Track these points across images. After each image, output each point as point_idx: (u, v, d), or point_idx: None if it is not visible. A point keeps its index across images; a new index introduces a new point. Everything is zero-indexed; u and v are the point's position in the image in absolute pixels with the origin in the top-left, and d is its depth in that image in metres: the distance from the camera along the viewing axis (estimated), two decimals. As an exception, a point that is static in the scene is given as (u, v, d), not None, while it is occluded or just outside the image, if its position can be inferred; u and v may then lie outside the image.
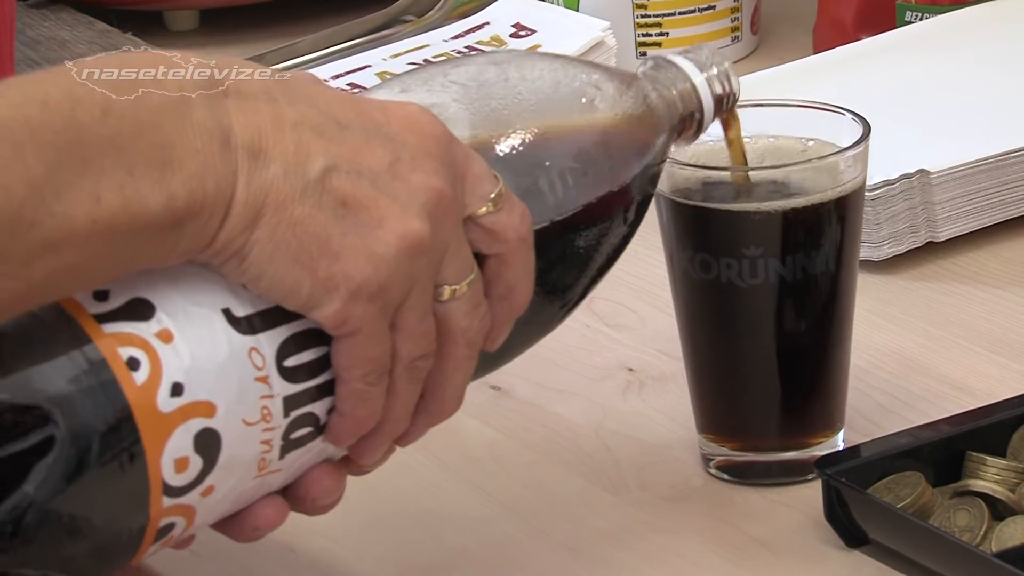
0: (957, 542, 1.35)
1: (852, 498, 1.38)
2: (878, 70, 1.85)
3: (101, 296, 1.34)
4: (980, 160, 1.76)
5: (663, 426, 1.53)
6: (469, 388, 1.50)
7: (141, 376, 1.33)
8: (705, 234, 1.46)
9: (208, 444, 1.37)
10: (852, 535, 1.39)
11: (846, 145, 1.46)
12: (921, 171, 1.72)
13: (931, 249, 1.77)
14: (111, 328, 1.31)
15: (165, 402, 1.31)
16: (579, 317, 1.62)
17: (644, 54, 2.08)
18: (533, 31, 2.00)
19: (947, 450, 1.44)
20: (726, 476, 1.47)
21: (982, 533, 1.36)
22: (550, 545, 1.43)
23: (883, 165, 1.62)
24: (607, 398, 1.57)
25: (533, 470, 1.51)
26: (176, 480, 1.33)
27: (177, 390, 1.32)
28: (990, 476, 1.41)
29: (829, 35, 2.04)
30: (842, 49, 1.99)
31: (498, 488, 1.50)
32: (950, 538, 1.35)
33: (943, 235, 1.76)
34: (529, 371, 1.62)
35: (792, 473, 1.46)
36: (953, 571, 1.36)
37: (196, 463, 1.37)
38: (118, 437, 1.31)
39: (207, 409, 1.33)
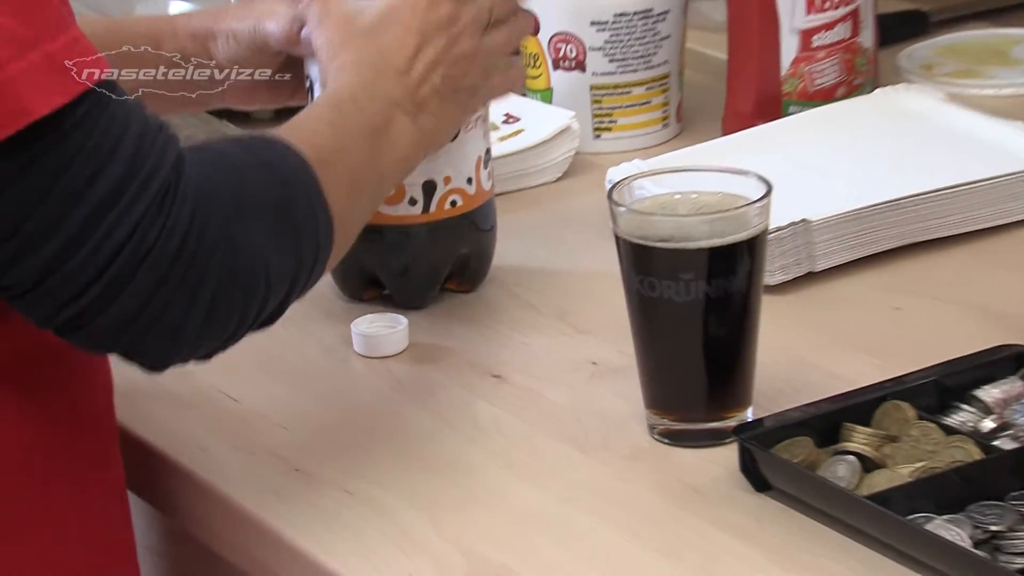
0: (837, 487, 1.42)
1: (759, 456, 1.47)
2: (771, 146, 1.86)
3: None
4: (846, 212, 1.81)
5: (619, 404, 1.59)
6: (478, 377, 1.69)
7: None
8: (651, 265, 1.53)
9: None
10: (760, 483, 1.47)
11: (754, 199, 1.54)
12: (804, 220, 1.78)
13: (811, 276, 1.80)
14: None
15: None
16: (557, 325, 1.75)
17: (599, 136, 2.10)
18: (518, 119, 2.04)
19: (827, 421, 1.51)
20: (666, 441, 1.55)
21: (856, 482, 1.43)
22: (538, 489, 1.49)
23: (777, 215, 1.60)
24: (579, 384, 1.63)
25: (526, 436, 1.57)
26: None
27: None
28: (860, 440, 1.48)
29: (733, 122, 2.04)
30: (744, 132, 2.00)
31: (500, 449, 1.56)
32: (832, 484, 1.43)
33: (820, 267, 1.81)
34: (521, 365, 1.69)
35: (715, 437, 1.54)
36: (834, 509, 1.43)
37: None
38: None
39: None
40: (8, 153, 1.25)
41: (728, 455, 1.51)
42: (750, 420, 1.55)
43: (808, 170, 1.78)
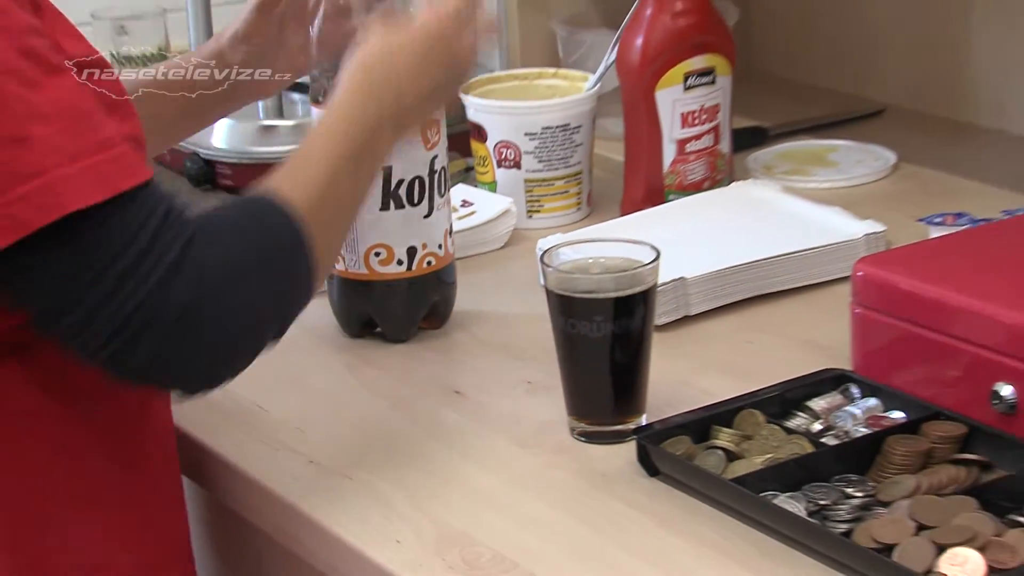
0: (708, 472, 1.44)
1: (651, 450, 1.48)
2: (656, 224, 1.85)
3: None
4: (711, 271, 1.80)
5: (548, 412, 1.59)
6: (444, 392, 1.68)
7: None
8: (572, 310, 1.53)
9: None
10: (652, 470, 1.48)
11: (646, 262, 1.54)
12: (682, 277, 1.76)
13: (687, 319, 1.78)
14: None
15: None
16: (501, 354, 1.76)
17: (531, 216, 2.06)
18: (472, 203, 2.02)
19: (701, 424, 1.52)
20: (583, 439, 1.56)
21: (722, 468, 1.45)
22: (488, 474, 1.50)
23: (662, 273, 1.58)
24: (518, 398, 1.64)
25: (480, 436, 1.57)
26: None
27: None
28: (724, 438, 1.50)
29: (629, 206, 2.04)
30: (637, 214, 2.00)
31: (460, 445, 1.55)
32: (704, 470, 1.45)
33: (693, 311, 1.79)
34: (476, 383, 1.68)
35: (619, 437, 1.54)
36: (706, 489, 1.44)
37: None
38: None
39: None
40: (42, 238, 1.22)
41: (628, 450, 1.51)
42: (644, 424, 1.55)
43: (684, 241, 1.77)
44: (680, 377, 1.65)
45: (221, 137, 2.15)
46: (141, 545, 1.47)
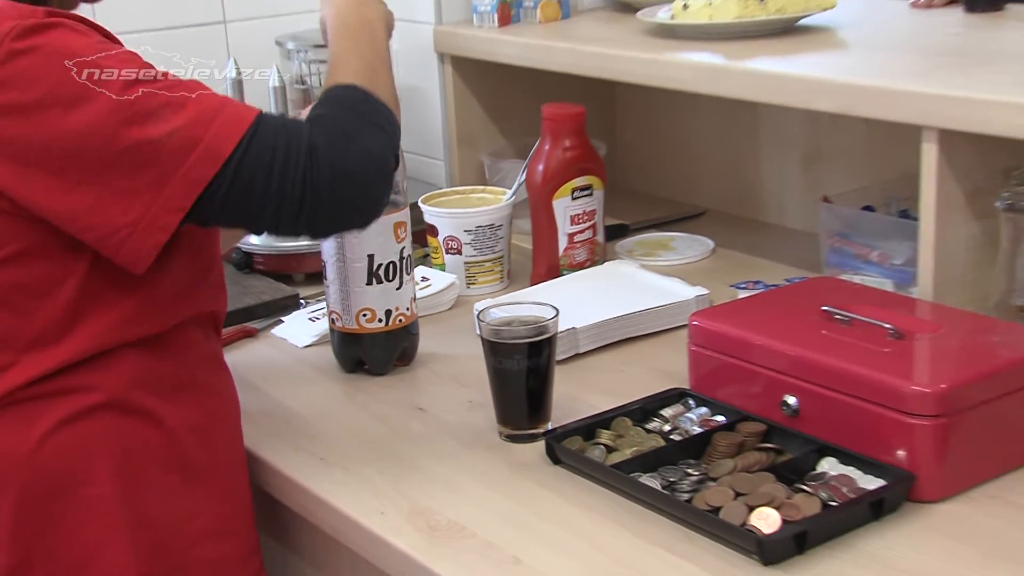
0: (593, 461, 1.43)
1: (555, 446, 1.47)
2: (555, 291, 1.81)
3: None
4: (593, 323, 1.76)
5: (484, 422, 1.56)
6: (411, 409, 1.65)
7: None
8: (499, 351, 1.51)
9: None
10: (555, 460, 1.46)
11: (549, 318, 1.52)
12: (573, 327, 1.72)
13: (578, 356, 1.73)
14: None
15: None
16: (451, 383, 1.71)
17: (469, 287, 2.00)
18: (429, 279, 1.95)
19: (588, 428, 1.50)
20: (508, 440, 1.53)
21: (603, 458, 1.43)
22: (445, 466, 1.47)
23: (561, 324, 1.54)
24: (463, 412, 1.61)
25: (438, 439, 1.54)
26: None
27: None
28: (605, 437, 1.48)
29: (537, 280, 2.00)
30: (542, 284, 1.96)
31: (425, 445, 1.53)
32: (591, 459, 1.43)
33: (582, 350, 1.73)
34: (433, 403, 1.65)
35: (532, 439, 1.51)
36: (593, 472, 1.42)
37: None
38: None
39: None
40: (224, 175, 1.24)
41: (539, 447, 1.50)
42: (550, 429, 1.53)
43: (574, 302, 1.74)
44: (573, 396, 1.62)
45: (254, 236, 2.10)
46: (220, 512, 1.44)
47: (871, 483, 1.34)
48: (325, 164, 1.29)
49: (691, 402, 1.57)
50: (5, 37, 1.20)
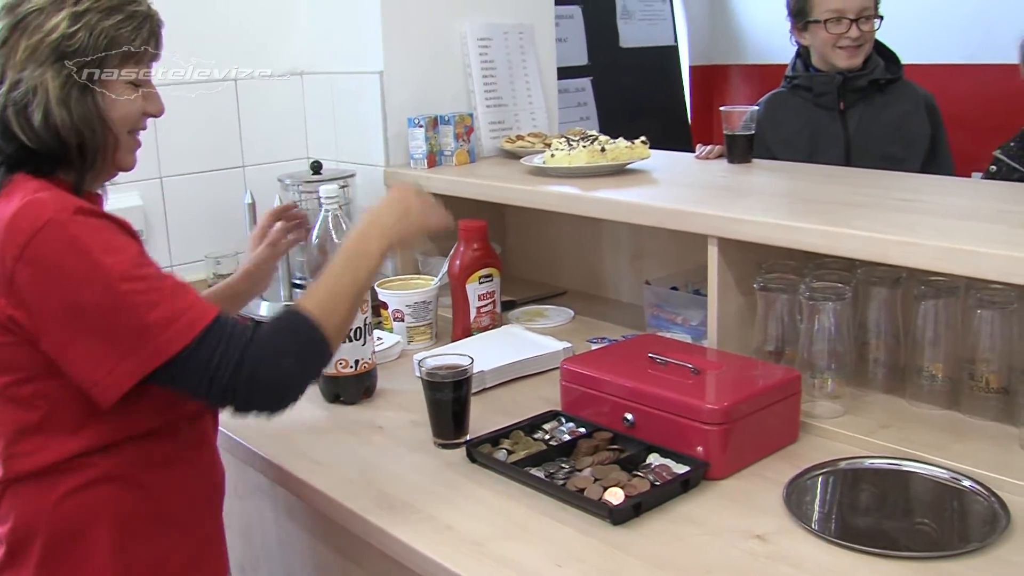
0: (500, 460, 1.43)
1: (472, 451, 1.46)
2: (469, 346, 1.82)
3: None
4: (495, 368, 1.74)
5: (424, 436, 1.53)
6: (372, 428, 1.58)
7: None
8: (433, 387, 1.50)
9: None
10: (473, 460, 1.46)
11: (466, 364, 1.52)
12: (482, 370, 1.69)
13: (485, 390, 1.71)
14: None
15: None
16: (400, 410, 1.66)
17: (409, 343, 1.96)
18: (382, 339, 1.90)
19: (494, 438, 1.50)
20: (441, 448, 1.51)
21: (507, 458, 1.44)
22: (400, 466, 1.46)
23: (474, 368, 1.53)
24: (410, 430, 1.57)
25: (394, 448, 1.52)
26: None
27: None
28: (507, 444, 1.49)
29: (455, 338, 1.95)
30: (459, 341, 1.91)
31: (386, 454, 1.50)
32: (497, 459, 1.43)
33: (487, 385, 1.72)
34: (389, 424, 1.61)
35: (458, 446, 1.50)
36: (500, 468, 1.42)
37: None
38: None
39: None
40: (168, 364, 1.13)
41: (462, 451, 1.49)
42: (469, 439, 1.51)
43: (482, 352, 1.72)
44: (483, 417, 1.60)
45: (264, 308, 2.09)
46: (194, 550, 1.32)
47: (681, 469, 1.37)
48: (247, 376, 1.15)
49: (563, 419, 1.56)
50: (43, 227, 1.11)
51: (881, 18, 2.38)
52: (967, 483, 1.32)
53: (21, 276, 1.12)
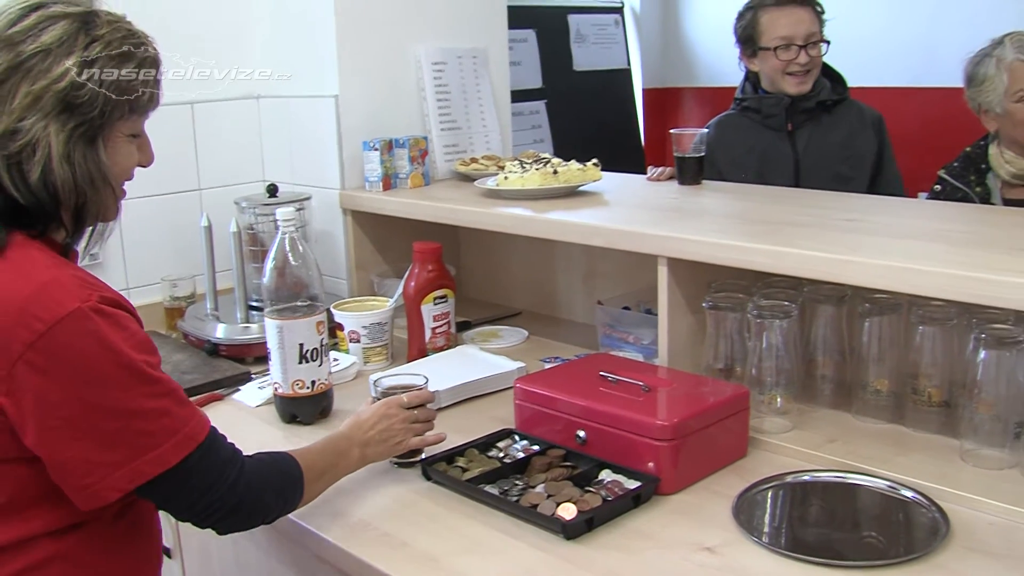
0: (453, 477, 1.43)
1: (427, 469, 1.46)
2: (425, 365, 1.81)
3: None
4: (449, 387, 1.72)
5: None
6: None
7: None
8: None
9: None
10: (428, 478, 1.46)
11: (422, 383, 1.53)
12: (437, 390, 1.64)
13: (442, 408, 1.69)
14: None
15: None
16: None
17: (366, 364, 1.96)
18: (337, 360, 1.91)
19: (449, 456, 1.50)
20: (397, 466, 1.49)
21: (461, 475, 1.43)
22: (347, 481, 1.42)
23: (429, 387, 1.52)
24: None
25: (359, 477, 1.42)
26: None
27: None
28: (462, 462, 1.48)
29: (411, 358, 1.94)
30: (415, 362, 1.89)
31: (351, 490, 1.40)
32: (451, 476, 1.44)
33: (442, 404, 1.69)
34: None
35: (413, 465, 1.49)
36: (453, 485, 1.42)
37: None
38: None
39: None
40: (163, 477, 1.09)
41: (417, 469, 1.49)
42: (424, 458, 1.51)
43: (437, 372, 1.70)
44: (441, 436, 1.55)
45: (221, 331, 2.07)
46: None
47: (633, 484, 1.39)
48: (233, 502, 1.15)
49: (516, 437, 1.57)
50: (67, 317, 1.03)
51: (827, 43, 2.43)
52: (910, 494, 1.35)
53: (28, 367, 1.03)
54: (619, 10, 4.40)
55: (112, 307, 1.08)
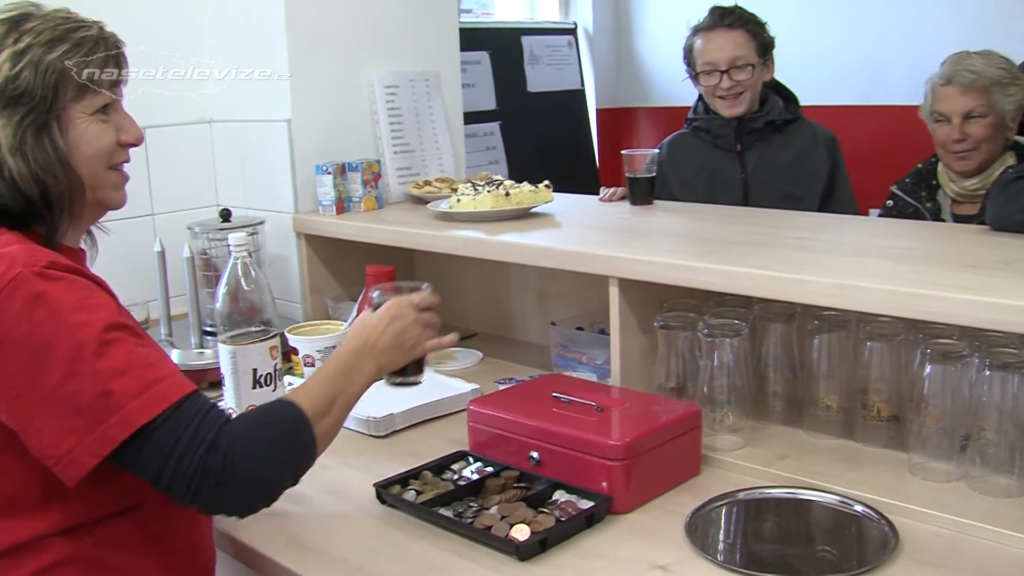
0: (407, 500, 1.43)
1: (381, 492, 1.46)
2: (381, 388, 1.69)
3: None
4: (408, 408, 1.73)
5: (336, 478, 1.52)
6: None
7: None
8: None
9: None
10: (383, 501, 1.45)
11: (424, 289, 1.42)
12: (391, 413, 1.69)
13: (396, 431, 1.71)
14: None
15: None
16: None
17: None
18: (292, 382, 1.83)
19: (404, 479, 1.49)
20: (397, 387, 1.41)
21: (415, 498, 1.43)
22: (298, 506, 1.43)
23: (383, 409, 1.61)
24: (319, 472, 1.38)
25: (300, 491, 1.36)
26: None
27: None
28: (415, 485, 1.48)
29: None
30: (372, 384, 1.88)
31: (287, 499, 1.35)
32: (406, 500, 1.43)
33: (398, 427, 1.70)
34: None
35: (416, 385, 1.42)
36: (406, 509, 1.42)
37: None
38: None
39: None
40: (130, 442, 1.04)
41: (372, 494, 1.47)
42: (378, 481, 1.49)
43: (391, 395, 1.61)
44: (392, 458, 1.60)
45: (175, 356, 2.04)
46: None
47: (586, 504, 1.39)
48: (219, 463, 1.05)
49: (471, 459, 1.57)
50: (10, 282, 1.04)
51: (754, 66, 2.42)
52: (860, 509, 1.37)
53: None
54: (572, 31, 4.44)
55: (62, 271, 1.06)
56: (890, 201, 2.41)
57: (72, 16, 1.17)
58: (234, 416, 1.13)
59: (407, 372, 1.40)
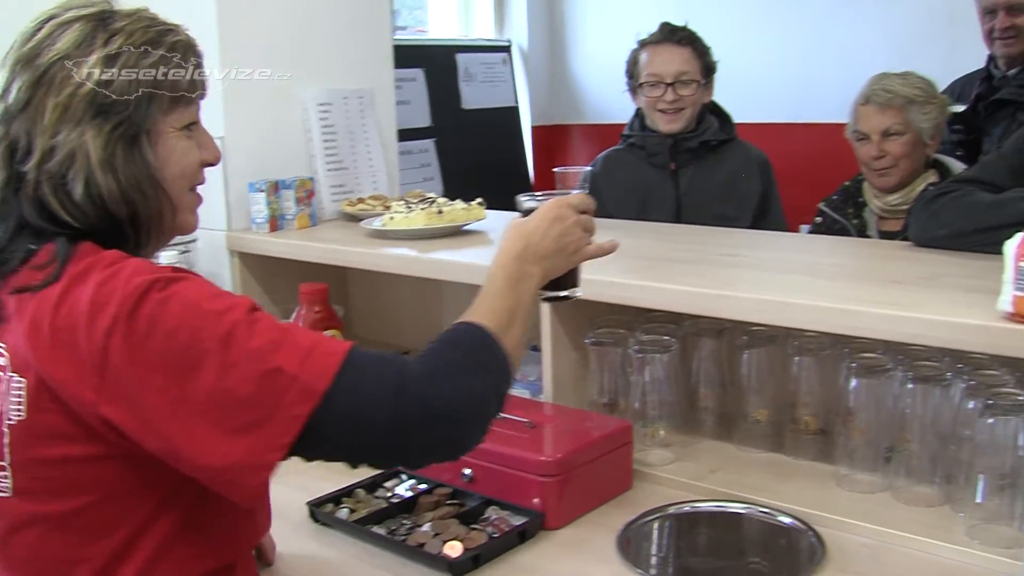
0: (341, 519, 1.43)
1: (315, 511, 1.45)
2: None
3: None
4: None
5: (272, 496, 1.41)
6: None
7: None
8: None
9: None
10: (316, 520, 1.45)
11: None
12: None
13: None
14: None
15: None
16: None
17: None
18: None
19: (336, 497, 1.47)
20: (553, 302, 1.28)
21: (348, 516, 1.43)
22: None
23: None
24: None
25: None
26: None
27: None
28: (349, 503, 1.48)
29: None
30: None
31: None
32: (339, 518, 1.43)
33: None
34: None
35: (571, 300, 1.30)
36: (339, 527, 1.42)
37: None
38: None
39: None
40: (316, 417, 0.91)
41: (305, 512, 1.47)
42: (311, 500, 1.47)
43: None
44: (324, 476, 1.50)
45: None
46: None
47: (519, 520, 1.41)
48: (416, 401, 0.95)
49: (404, 477, 1.57)
50: (146, 288, 0.94)
51: (698, 83, 2.47)
52: (788, 520, 1.39)
53: (118, 351, 0.92)
54: (507, 49, 4.48)
55: (185, 273, 0.99)
56: (819, 218, 2.44)
57: (156, 17, 1.08)
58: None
59: (564, 283, 1.26)
